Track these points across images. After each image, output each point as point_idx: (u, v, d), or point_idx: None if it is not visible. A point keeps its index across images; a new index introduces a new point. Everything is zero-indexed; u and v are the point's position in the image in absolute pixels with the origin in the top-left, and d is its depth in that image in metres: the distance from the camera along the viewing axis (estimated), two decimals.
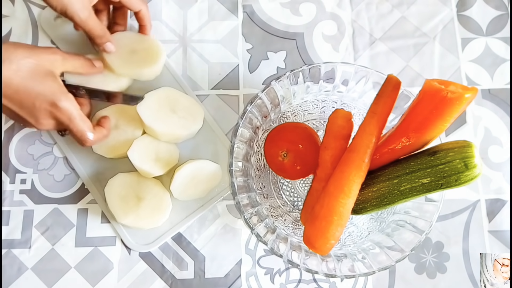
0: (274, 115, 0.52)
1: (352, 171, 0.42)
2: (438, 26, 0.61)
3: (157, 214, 0.50)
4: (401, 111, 0.47)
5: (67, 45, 0.56)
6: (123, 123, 0.51)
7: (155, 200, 0.50)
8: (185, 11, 0.60)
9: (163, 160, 0.51)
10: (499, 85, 0.59)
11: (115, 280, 0.51)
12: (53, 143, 0.54)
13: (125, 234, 0.51)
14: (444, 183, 0.41)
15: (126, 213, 0.49)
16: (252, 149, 0.51)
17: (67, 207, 0.52)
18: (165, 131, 0.50)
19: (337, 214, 0.42)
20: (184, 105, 0.52)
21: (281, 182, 0.53)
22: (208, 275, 0.52)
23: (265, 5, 0.60)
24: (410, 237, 0.45)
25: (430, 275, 0.53)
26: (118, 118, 0.51)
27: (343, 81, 0.50)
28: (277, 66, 0.58)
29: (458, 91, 0.38)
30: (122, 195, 0.50)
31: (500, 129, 0.58)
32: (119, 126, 0.51)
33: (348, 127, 0.46)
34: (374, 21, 0.60)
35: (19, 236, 0.51)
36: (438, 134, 0.42)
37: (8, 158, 0.53)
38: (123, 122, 0.51)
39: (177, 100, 0.52)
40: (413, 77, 0.59)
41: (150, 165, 0.50)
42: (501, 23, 0.61)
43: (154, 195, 0.51)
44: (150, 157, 0.50)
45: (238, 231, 0.53)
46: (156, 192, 0.51)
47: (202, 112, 0.53)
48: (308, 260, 0.45)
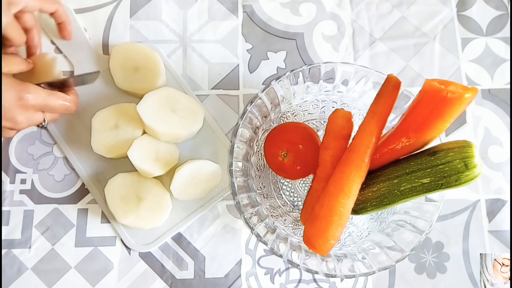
0: (274, 115, 0.52)
1: (352, 171, 0.42)
2: (438, 26, 0.61)
3: (157, 214, 0.50)
4: (401, 111, 0.47)
5: (67, 45, 0.56)
6: (123, 123, 0.51)
7: (155, 200, 0.50)
8: (185, 11, 0.60)
9: (163, 160, 0.51)
10: (499, 85, 0.59)
11: (115, 280, 0.51)
12: (53, 143, 0.54)
13: (125, 234, 0.51)
14: (444, 183, 0.41)
15: (126, 213, 0.49)
16: (252, 149, 0.51)
17: (67, 207, 0.52)
18: (165, 131, 0.50)
19: (337, 214, 0.42)
20: (184, 105, 0.52)
21: (281, 182, 0.53)
22: (208, 275, 0.52)
23: (265, 5, 0.60)
24: (410, 237, 0.45)
25: (430, 275, 0.53)
26: (118, 118, 0.51)
27: (343, 81, 0.50)
28: (277, 66, 0.58)
29: (458, 91, 0.38)
30: (122, 195, 0.50)
31: (500, 129, 0.58)
32: (119, 126, 0.51)
33: (348, 127, 0.46)
34: (374, 21, 0.60)
35: (19, 236, 0.51)
36: (438, 134, 0.42)
37: (8, 158, 0.53)
38: (123, 122, 0.51)
39: (178, 100, 0.52)
40: (413, 77, 0.59)
41: (150, 165, 0.50)
42: (501, 23, 0.61)
43: (154, 195, 0.51)
44: (150, 157, 0.50)
45: (238, 231, 0.53)
46: (156, 192, 0.51)
47: (202, 112, 0.53)
48: (308, 260, 0.45)
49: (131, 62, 0.53)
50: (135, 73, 0.53)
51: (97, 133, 0.51)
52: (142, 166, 0.49)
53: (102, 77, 0.55)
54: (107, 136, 0.51)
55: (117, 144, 0.51)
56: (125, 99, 0.54)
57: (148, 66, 0.53)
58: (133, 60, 0.53)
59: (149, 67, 0.53)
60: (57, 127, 0.54)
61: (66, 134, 0.54)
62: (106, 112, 0.52)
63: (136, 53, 0.54)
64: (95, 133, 0.51)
